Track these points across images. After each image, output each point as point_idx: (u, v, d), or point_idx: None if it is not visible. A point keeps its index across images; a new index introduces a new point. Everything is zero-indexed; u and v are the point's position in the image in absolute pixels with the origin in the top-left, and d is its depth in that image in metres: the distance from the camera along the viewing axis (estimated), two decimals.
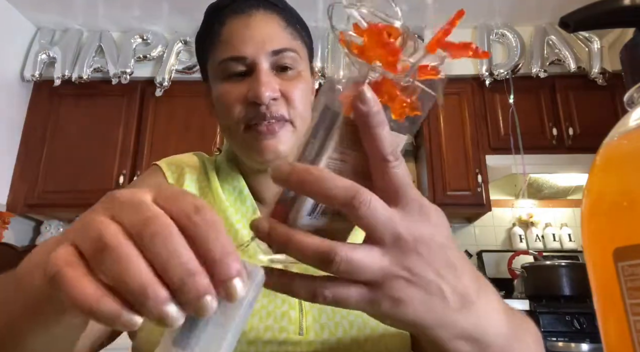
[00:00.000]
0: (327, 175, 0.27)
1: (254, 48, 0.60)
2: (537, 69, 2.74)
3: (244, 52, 0.60)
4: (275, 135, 0.60)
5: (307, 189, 0.28)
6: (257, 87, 0.58)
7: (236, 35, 0.61)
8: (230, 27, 0.62)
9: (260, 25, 0.61)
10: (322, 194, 0.27)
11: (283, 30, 0.62)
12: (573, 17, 0.29)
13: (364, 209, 0.27)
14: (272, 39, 0.60)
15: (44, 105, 2.82)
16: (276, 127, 0.60)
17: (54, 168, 2.69)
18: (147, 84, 2.84)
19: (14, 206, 2.64)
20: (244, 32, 0.61)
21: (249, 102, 0.59)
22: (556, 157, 2.62)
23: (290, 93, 0.60)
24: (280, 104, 0.60)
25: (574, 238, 2.80)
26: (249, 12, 0.62)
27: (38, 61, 2.79)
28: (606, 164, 0.25)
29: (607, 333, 0.23)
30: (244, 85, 0.60)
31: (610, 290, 0.22)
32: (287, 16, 0.64)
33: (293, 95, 0.61)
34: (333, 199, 0.27)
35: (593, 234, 0.24)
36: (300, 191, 0.28)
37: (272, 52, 0.60)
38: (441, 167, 2.66)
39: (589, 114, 2.68)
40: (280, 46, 0.61)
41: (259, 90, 0.57)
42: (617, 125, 0.25)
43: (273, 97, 0.59)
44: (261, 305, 0.54)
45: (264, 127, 0.59)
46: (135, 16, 2.83)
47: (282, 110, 0.60)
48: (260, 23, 0.61)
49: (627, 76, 0.27)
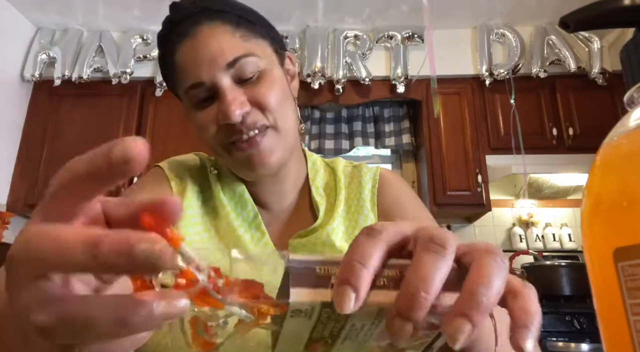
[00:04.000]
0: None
1: (207, 69, 0.58)
2: (537, 69, 2.74)
3: (200, 77, 0.58)
4: (258, 147, 0.59)
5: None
6: (225, 109, 0.57)
7: (188, 61, 0.59)
8: (181, 54, 0.60)
9: (206, 43, 0.58)
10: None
11: (232, 37, 0.59)
12: (573, 17, 0.29)
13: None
14: (222, 51, 0.58)
15: (44, 106, 2.82)
16: (257, 138, 0.59)
17: (54, 168, 2.68)
18: (147, 84, 2.84)
19: (14, 206, 2.64)
20: (193, 56, 0.59)
21: (221, 124, 0.58)
22: (556, 157, 2.62)
23: (261, 99, 0.59)
24: (254, 114, 0.59)
25: (574, 238, 2.80)
26: (192, 33, 0.59)
27: (38, 61, 2.79)
28: (606, 164, 0.25)
29: (607, 333, 0.23)
30: (213, 109, 0.59)
31: (610, 290, 0.22)
32: (233, 18, 0.61)
33: (265, 100, 0.59)
34: None
35: (593, 234, 0.24)
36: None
37: (227, 65, 0.58)
38: (441, 167, 2.66)
39: (589, 114, 2.68)
40: (233, 56, 0.58)
41: (228, 111, 0.56)
42: (617, 126, 0.25)
43: (243, 112, 0.57)
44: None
45: (244, 143, 0.59)
46: (135, 16, 2.83)
47: (258, 119, 0.59)
48: (205, 40, 0.59)
49: (627, 76, 0.27)
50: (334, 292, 0.25)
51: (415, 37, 2.85)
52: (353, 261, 0.25)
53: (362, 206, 0.68)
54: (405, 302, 0.24)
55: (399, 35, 2.85)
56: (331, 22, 2.86)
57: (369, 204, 0.69)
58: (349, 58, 2.80)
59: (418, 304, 0.24)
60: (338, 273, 0.26)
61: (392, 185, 0.71)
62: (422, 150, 2.82)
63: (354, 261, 0.25)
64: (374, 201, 0.69)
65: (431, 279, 0.24)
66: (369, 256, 0.26)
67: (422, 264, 0.25)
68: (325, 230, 0.64)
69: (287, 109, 0.62)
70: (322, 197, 0.70)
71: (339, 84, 2.75)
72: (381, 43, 2.88)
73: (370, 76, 2.76)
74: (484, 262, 0.25)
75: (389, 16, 2.82)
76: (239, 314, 0.25)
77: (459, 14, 2.82)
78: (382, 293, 0.26)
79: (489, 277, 0.24)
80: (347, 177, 0.73)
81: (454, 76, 2.80)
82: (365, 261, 0.25)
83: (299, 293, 0.25)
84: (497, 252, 0.26)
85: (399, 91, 2.77)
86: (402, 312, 0.24)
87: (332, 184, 0.72)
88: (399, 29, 2.85)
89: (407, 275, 0.25)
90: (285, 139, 0.62)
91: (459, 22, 2.89)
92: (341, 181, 0.72)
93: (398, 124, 2.93)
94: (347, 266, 0.25)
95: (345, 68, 2.78)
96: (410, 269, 0.25)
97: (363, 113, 2.98)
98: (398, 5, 2.74)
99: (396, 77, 2.76)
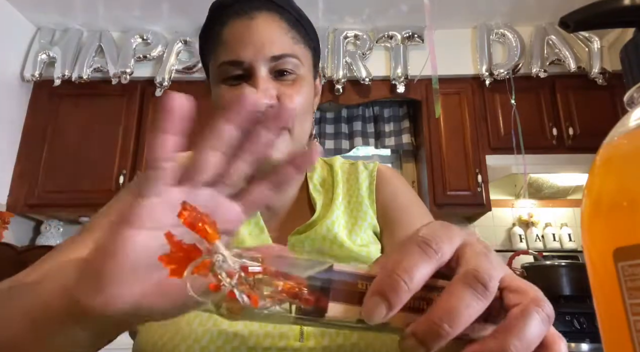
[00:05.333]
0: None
1: (253, 53, 0.58)
2: (537, 69, 2.74)
3: (242, 57, 0.59)
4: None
5: None
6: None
7: (236, 38, 0.60)
8: (231, 29, 0.61)
9: (261, 29, 0.60)
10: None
11: (285, 34, 0.61)
12: (573, 17, 0.29)
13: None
14: (272, 43, 0.59)
15: (44, 105, 2.82)
16: None
17: (54, 168, 2.68)
18: (147, 84, 2.84)
19: (14, 206, 2.64)
20: (244, 35, 0.59)
21: None
22: (556, 157, 2.62)
23: (289, 98, 0.59)
24: None
25: (574, 238, 2.80)
26: (251, 14, 0.60)
27: (38, 61, 2.79)
28: (606, 164, 0.25)
29: (607, 333, 0.23)
30: (239, 90, 0.59)
31: (610, 290, 0.22)
32: (291, 18, 0.63)
33: (291, 101, 0.59)
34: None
35: (593, 234, 0.24)
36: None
37: (272, 57, 0.59)
38: (441, 167, 2.66)
39: (589, 114, 2.68)
40: (280, 52, 0.59)
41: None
42: (617, 126, 0.25)
43: (269, 104, 0.58)
44: None
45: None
46: (135, 16, 2.83)
47: None
48: (261, 26, 0.60)
49: (627, 76, 0.27)
50: (366, 297, 0.24)
51: (415, 37, 2.85)
52: (397, 274, 0.24)
53: (361, 202, 0.69)
54: (425, 328, 0.24)
55: (399, 35, 2.84)
56: (331, 22, 2.86)
57: (367, 201, 0.69)
58: (349, 58, 2.80)
59: (437, 335, 0.23)
60: (376, 279, 0.24)
61: (390, 181, 0.72)
62: (422, 150, 2.82)
63: (398, 275, 0.24)
64: (372, 198, 0.70)
65: (460, 315, 0.23)
66: (414, 277, 0.24)
67: (456, 297, 0.24)
68: (324, 224, 0.64)
69: (306, 120, 0.63)
70: (320, 192, 0.71)
71: (339, 84, 2.75)
72: (381, 43, 2.88)
73: (370, 76, 2.76)
74: (529, 315, 0.24)
75: (389, 16, 2.82)
76: (272, 311, 0.25)
77: (459, 14, 2.82)
78: (413, 316, 0.25)
79: (526, 333, 0.23)
80: (345, 172, 0.74)
81: (454, 76, 2.79)
82: (409, 280, 0.24)
83: (336, 309, 0.24)
84: (544, 306, 0.25)
85: (399, 91, 2.77)
86: (419, 336, 0.24)
87: (330, 180, 0.73)
88: (399, 29, 2.85)
89: (438, 301, 0.24)
90: (295, 145, 0.63)
91: (459, 22, 2.89)
92: (338, 175, 0.72)
93: (398, 124, 2.93)
94: (389, 277, 0.24)
95: (345, 68, 2.78)
96: (443, 297, 0.24)
97: (363, 113, 2.98)
98: (398, 5, 2.74)
99: (396, 77, 2.76)
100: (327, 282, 0.25)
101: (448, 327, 0.23)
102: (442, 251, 0.26)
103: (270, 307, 0.24)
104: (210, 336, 0.51)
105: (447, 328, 0.23)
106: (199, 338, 0.51)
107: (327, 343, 0.53)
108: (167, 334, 0.53)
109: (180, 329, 0.52)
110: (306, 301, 0.25)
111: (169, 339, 0.52)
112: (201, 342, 0.51)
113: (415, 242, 0.26)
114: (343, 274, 0.25)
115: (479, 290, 0.24)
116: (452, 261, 0.26)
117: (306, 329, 0.54)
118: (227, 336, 0.51)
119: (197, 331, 0.52)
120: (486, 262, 0.25)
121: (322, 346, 0.53)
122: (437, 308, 0.24)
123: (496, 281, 0.25)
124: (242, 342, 0.51)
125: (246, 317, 0.26)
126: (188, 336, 0.52)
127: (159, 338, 0.53)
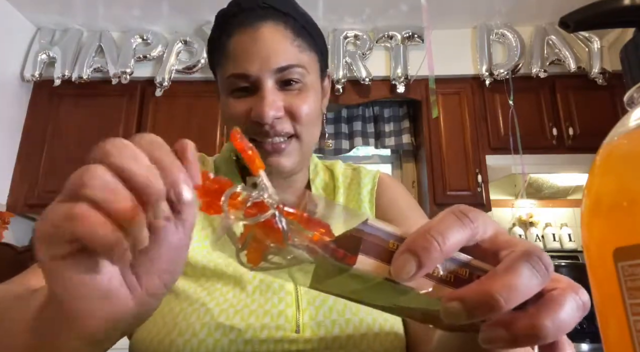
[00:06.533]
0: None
1: (258, 65, 0.59)
2: (537, 69, 2.74)
3: (249, 70, 0.59)
4: (281, 153, 0.60)
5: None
6: (260, 108, 0.58)
7: (242, 50, 0.60)
8: (237, 40, 0.61)
9: (266, 40, 0.59)
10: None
11: (290, 44, 0.61)
12: (573, 17, 0.29)
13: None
14: (278, 54, 0.59)
15: (44, 105, 2.82)
16: (282, 145, 0.60)
17: (54, 168, 2.68)
18: (147, 84, 2.84)
19: (14, 206, 2.64)
20: (249, 48, 0.59)
21: (252, 120, 0.59)
22: (556, 157, 2.62)
23: (296, 109, 0.60)
24: (284, 122, 0.60)
25: (574, 238, 2.80)
26: (256, 26, 0.60)
27: (38, 61, 2.79)
28: (606, 164, 0.25)
29: (607, 333, 0.23)
30: (247, 103, 0.60)
31: (610, 290, 0.22)
32: (296, 26, 0.62)
33: (299, 111, 0.60)
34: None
35: (593, 234, 0.24)
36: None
37: (278, 69, 0.59)
38: (441, 167, 2.66)
39: (589, 114, 2.68)
40: (286, 63, 0.59)
41: (263, 110, 0.57)
42: (617, 126, 0.25)
43: (277, 116, 0.58)
44: (258, 304, 0.55)
45: (268, 145, 0.60)
46: (135, 16, 2.83)
47: (287, 127, 0.60)
48: (267, 37, 0.59)
49: (627, 76, 0.27)
50: (396, 253, 0.23)
51: (415, 37, 2.85)
52: (430, 234, 0.23)
53: (360, 206, 0.70)
54: (479, 296, 0.23)
55: (399, 35, 2.84)
56: (331, 22, 2.86)
57: (367, 205, 0.70)
58: (349, 58, 2.80)
59: (489, 307, 0.22)
60: (409, 237, 0.24)
61: (390, 188, 0.73)
62: (422, 150, 2.82)
63: (432, 235, 0.23)
64: (372, 202, 0.71)
65: (519, 292, 0.23)
66: (449, 239, 0.24)
67: (518, 274, 0.23)
68: None
69: (314, 124, 0.64)
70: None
71: (339, 84, 2.75)
72: (381, 43, 2.88)
73: (370, 76, 2.76)
74: (565, 299, 0.24)
75: (388, 16, 2.82)
76: (297, 255, 0.25)
77: (458, 14, 2.82)
78: (441, 288, 0.24)
79: (560, 315, 0.24)
80: (347, 178, 0.75)
81: (453, 76, 2.80)
82: (442, 242, 0.23)
83: (365, 262, 0.24)
84: (581, 293, 0.25)
85: (399, 91, 2.77)
86: (468, 303, 0.23)
87: (331, 185, 0.74)
88: (399, 29, 2.85)
89: (495, 274, 0.23)
90: (303, 150, 0.64)
91: (458, 22, 2.89)
92: (339, 180, 0.73)
93: (398, 124, 2.93)
94: (422, 236, 0.23)
95: (345, 68, 2.78)
96: (502, 271, 0.23)
97: (363, 113, 2.98)
98: (398, 5, 2.74)
99: (396, 77, 2.76)
100: (360, 233, 0.24)
101: (503, 302, 0.22)
102: (478, 223, 0.25)
103: (298, 249, 0.24)
104: (208, 329, 0.52)
105: (503, 302, 0.22)
106: (196, 332, 0.52)
107: (322, 334, 0.54)
108: (164, 328, 0.53)
109: (177, 324, 0.53)
110: (335, 250, 0.24)
111: (166, 333, 0.52)
112: (199, 335, 0.52)
113: (451, 210, 0.25)
114: (377, 229, 0.24)
115: (541, 272, 0.24)
116: (487, 245, 0.26)
117: (302, 321, 0.54)
118: (224, 329, 0.52)
119: (194, 325, 0.52)
120: (541, 251, 0.25)
121: (319, 337, 0.54)
122: (495, 280, 0.23)
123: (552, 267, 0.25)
124: (238, 335, 0.52)
125: (264, 267, 0.26)
126: (185, 330, 0.52)
127: (156, 333, 0.53)
